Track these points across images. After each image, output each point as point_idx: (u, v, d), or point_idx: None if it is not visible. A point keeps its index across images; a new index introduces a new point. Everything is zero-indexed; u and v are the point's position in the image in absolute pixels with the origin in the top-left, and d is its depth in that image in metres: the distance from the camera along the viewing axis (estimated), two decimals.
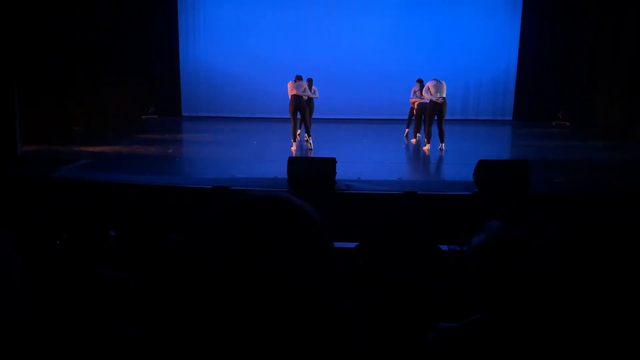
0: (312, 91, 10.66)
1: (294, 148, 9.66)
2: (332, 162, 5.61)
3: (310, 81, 10.73)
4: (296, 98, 9.89)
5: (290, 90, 9.91)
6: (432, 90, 9.72)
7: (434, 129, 9.81)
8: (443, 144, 9.73)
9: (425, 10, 14.44)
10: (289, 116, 10.00)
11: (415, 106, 10.55)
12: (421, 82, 10.62)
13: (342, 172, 5.92)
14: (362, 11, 14.42)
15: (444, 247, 3.24)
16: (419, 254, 2.88)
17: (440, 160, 9.40)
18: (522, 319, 1.43)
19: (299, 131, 10.37)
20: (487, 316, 1.48)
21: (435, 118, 9.74)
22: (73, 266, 2.18)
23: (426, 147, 9.74)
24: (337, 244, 0.93)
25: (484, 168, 5.45)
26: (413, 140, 10.61)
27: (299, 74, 10.34)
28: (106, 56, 12.43)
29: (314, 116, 10.76)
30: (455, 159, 9.23)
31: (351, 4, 14.46)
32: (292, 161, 5.73)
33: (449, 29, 14.35)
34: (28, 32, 9.06)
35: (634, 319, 1.75)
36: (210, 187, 5.55)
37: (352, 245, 3.18)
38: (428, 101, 9.82)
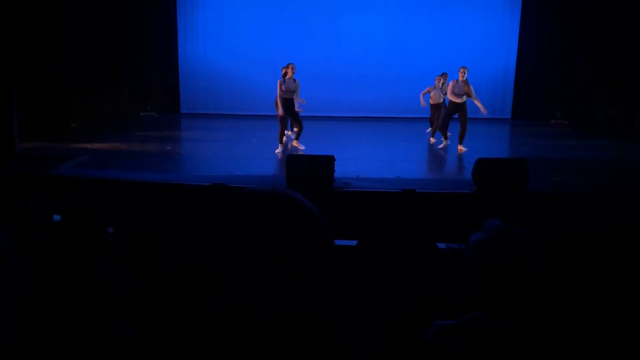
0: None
1: (279, 150, 9.24)
2: (330, 160, 5.61)
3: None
4: (290, 102, 9.12)
5: (284, 92, 9.04)
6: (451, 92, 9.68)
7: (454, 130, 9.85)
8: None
9: (424, 8, 14.42)
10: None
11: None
12: (446, 77, 10.46)
13: (341, 170, 5.92)
14: (361, 9, 14.41)
15: (442, 245, 3.24)
16: (417, 252, 2.88)
17: (438, 158, 9.41)
18: (519, 317, 1.44)
19: (288, 132, 10.11)
20: (484, 314, 1.49)
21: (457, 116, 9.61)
22: (71, 264, 2.18)
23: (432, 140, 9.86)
24: (336, 242, 0.93)
25: (482, 166, 5.44)
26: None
27: (286, 67, 9.27)
28: (104, 53, 12.41)
29: (310, 114, 10.51)
30: (454, 158, 9.24)
31: (350, 1, 14.44)
32: (291, 159, 5.72)
33: (447, 27, 14.34)
34: (26, 29, 9.03)
35: (633, 318, 1.76)
36: (209, 184, 5.55)
37: (350, 243, 3.18)
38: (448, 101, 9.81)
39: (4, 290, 1.03)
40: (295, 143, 9.30)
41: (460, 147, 9.40)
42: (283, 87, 9.04)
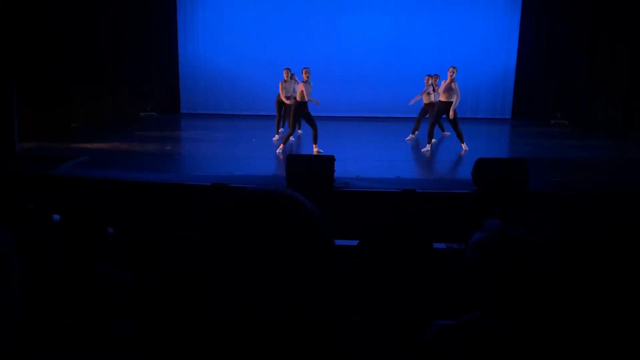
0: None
1: (280, 150, 9.22)
2: (330, 159, 5.61)
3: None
4: (306, 105, 9.22)
5: (302, 94, 9.11)
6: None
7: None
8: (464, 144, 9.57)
9: (424, 8, 14.42)
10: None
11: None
12: (437, 78, 10.46)
13: (341, 170, 5.92)
14: (361, 9, 14.40)
15: (442, 245, 3.24)
16: (417, 252, 2.88)
17: (438, 158, 9.41)
18: (519, 317, 1.43)
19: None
20: (484, 314, 1.49)
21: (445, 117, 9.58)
22: (71, 264, 2.18)
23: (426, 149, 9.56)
24: (336, 242, 0.93)
25: (482, 166, 5.45)
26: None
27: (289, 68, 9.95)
28: (104, 53, 12.41)
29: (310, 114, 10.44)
30: (454, 158, 9.24)
31: (350, 2, 14.44)
32: (291, 159, 5.73)
33: (447, 27, 14.33)
34: (26, 29, 9.03)
35: (633, 318, 1.76)
36: (209, 184, 5.55)
37: (350, 243, 3.18)
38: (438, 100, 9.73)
39: (4, 290, 1.03)
40: (315, 149, 9.07)
41: (463, 146, 9.42)
42: (306, 90, 9.13)
